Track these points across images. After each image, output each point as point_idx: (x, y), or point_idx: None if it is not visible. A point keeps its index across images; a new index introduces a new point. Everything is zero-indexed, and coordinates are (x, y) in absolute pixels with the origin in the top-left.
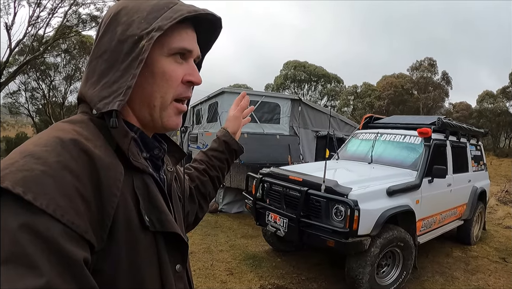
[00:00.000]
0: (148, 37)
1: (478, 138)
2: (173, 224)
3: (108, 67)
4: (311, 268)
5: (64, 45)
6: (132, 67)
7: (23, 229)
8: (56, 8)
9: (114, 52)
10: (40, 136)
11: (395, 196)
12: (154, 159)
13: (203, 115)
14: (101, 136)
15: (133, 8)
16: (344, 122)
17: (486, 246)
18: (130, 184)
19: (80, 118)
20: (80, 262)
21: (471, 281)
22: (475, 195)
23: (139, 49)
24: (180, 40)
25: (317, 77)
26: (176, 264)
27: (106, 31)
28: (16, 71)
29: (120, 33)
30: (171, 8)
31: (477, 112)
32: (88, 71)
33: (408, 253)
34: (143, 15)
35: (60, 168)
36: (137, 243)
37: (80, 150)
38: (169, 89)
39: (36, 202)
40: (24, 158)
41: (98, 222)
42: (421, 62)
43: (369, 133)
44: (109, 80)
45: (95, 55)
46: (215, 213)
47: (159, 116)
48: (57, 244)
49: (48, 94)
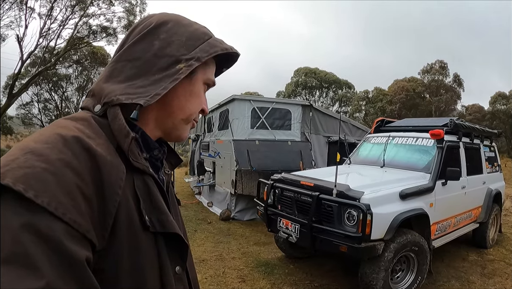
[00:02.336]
0: (187, 64)
1: (492, 140)
2: (173, 224)
3: (138, 74)
4: (324, 274)
5: (76, 56)
6: (163, 81)
7: (24, 229)
8: (66, 19)
9: (148, 64)
10: (41, 133)
11: (408, 199)
12: (153, 159)
13: (214, 123)
14: (103, 135)
15: (173, 28)
16: (356, 127)
17: (502, 249)
18: (130, 184)
19: (82, 116)
20: (83, 262)
21: (488, 285)
22: (490, 197)
23: (176, 70)
24: (212, 74)
25: (328, 83)
26: (176, 266)
27: (141, 40)
28: (28, 82)
29: (158, 49)
30: (207, 42)
31: (490, 114)
32: (113, 69)
33: (423, 258)
34: (182, 39)
35: (62, 166)
36: (138, 243)
37: (82, 147)
38: (196, 109)
39: (37, 199)
40: (25, 154)
41: (100, 221)
42: (432, 65)
43: (381, 137)
44: (136, 84)
45: (125, 58)
46: (227, 221)
47: (181, 128)
48: (59, 243)
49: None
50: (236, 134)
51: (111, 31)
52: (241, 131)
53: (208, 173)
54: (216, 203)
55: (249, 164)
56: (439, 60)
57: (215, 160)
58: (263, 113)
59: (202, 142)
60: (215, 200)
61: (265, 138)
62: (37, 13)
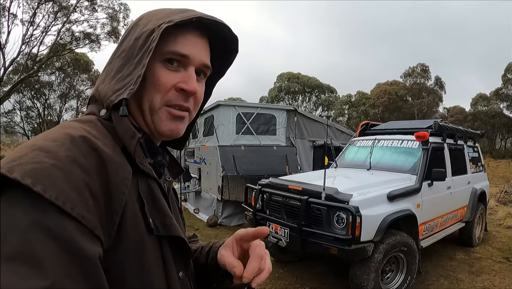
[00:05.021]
0: (158, 28)
1: (475, 140)
2: (177, 228)
3: (124, 63)
4: (314, 277)
5: (58, 63)
6: (143, 58)
7: (33, 226)
8: (49, 26)
9: (130, 49)
10: (49, 132)
11: (396, 200)
12: (157, 165)
13: (199, 129)
14: (109, 136)
15: (154, 12)
16: (340, 131)
17: (489, 247)
18: (135, 186)
19: (88, 118)
20: (95, 258)
21: (476, 283)
22: (475, 196)
23: (150, 40)
24: (174, 45)
25: (311, 88)
26: (179, 271)
27: (127, 35)
28: (10, 90)
29: (137, 33)
30: (187, 11)
31: (472, 115)
32: (107, 71)
33: (412, 258)
34: (160, 16)
35: (70, 162)
36: (144, 245)
37: (89, 146)
38: (155, 94)
39: (46, 194)
40: (34, 151)
41: (107, 219)
42: (413, 68)
43: (367, 140)
44: (123, 74)
45: (115, 56)
46: (214, 227)
47: (151, 121)
48: (69, 240)
49: (43, 113)
50: (221, 140)
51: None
52: (227, 137)
53: (193, 180)
54: (203, 209)
55: (235, 170)
56: (421, 64)
57: (200, 166)
58: (248, 118)
59: (187, 148)
60: (201, 206)
61: (251, 143)
62: (20, 20)
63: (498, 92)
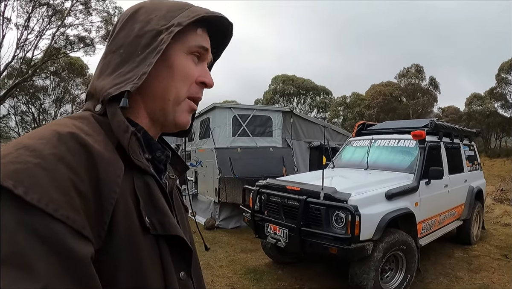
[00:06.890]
0: (167, 31)
1: (471, 139)
2: (176, 227)
3: (124, 60)
4: (313, 278)
5: (53, 67)
6: (149, 57)
7: (20, 228)
8: (43, 30)
9: (131, 46)
10: (37, 130)
11: (394, 199)
12: (156, 161)
13: (195, 132)
14: (102, 132)
15: (151, 7)
16: (337, 132)
17: (486, 245)
18: (130, 183)
19: (81, 114)
20: (86, 259)
21: (475, 280)
22: (472, 194)
23: (158, 41)
24: (199, 40)
25: (306, 90)
26: (180, 271)
27: (122, 28)
28: (5, 94)
29: (138, 30)
30: (188, 9)
31: (466, 115)
32: (102, 66)
33: (411, 256)
34: (161, 13)
35: (56, 160)
36: (138, 245)
37: (77, 143)
38: (184, 86)
39: (27, 196)
40: (18, 150)
41: (96, 219)
42: (408, 69)
43: (363, 140)
44: (123, 70)
45: (110, 50)
46: (212, 230)
47: (172, 111)
48: (58, 242)
49: (38, 118)
50: (217, 142)
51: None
52: (223, 139)
53: (190, 182)
54: (200, 212)
55: (232, 172)
56: (415, 64)
57: (197, 169)
58: (244, 120)
59: (183, 151)
60: (198, 209)
61: (247, 145)
62: (14, 24)
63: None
